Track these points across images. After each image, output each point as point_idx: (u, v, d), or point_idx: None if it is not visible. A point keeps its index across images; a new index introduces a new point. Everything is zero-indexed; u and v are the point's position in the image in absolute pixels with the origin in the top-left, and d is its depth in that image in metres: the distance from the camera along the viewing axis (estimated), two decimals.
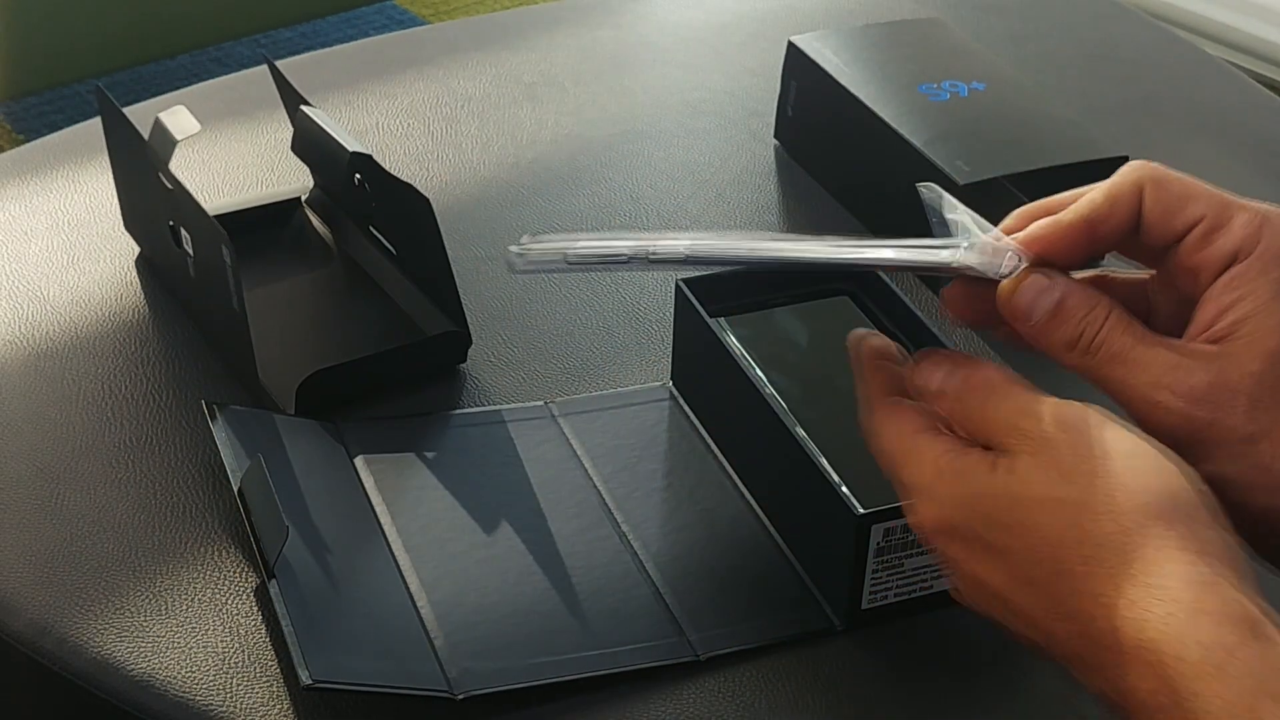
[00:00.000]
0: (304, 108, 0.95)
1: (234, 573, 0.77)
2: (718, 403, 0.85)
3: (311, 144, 0.97)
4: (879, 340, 0.67)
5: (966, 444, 0.60)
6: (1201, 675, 0.51)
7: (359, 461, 0.82)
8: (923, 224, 0.67)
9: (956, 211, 0.65)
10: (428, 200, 0.85)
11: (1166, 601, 0.53)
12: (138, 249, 0.97)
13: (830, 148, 1.07)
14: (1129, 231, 0.63)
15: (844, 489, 0.73)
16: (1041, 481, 0.57)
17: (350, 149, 0.90)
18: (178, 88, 1.17)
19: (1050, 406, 0.58)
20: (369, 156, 0.89)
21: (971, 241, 0.63)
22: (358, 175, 0.92)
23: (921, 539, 0.62)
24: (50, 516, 0.79)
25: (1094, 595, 0.54)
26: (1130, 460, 0.56)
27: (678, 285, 0.86)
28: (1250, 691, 0.50)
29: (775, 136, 1.12)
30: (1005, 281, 0.63)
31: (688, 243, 0.63)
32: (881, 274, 0.85)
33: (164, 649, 0.73)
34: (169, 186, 0.86)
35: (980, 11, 1.31)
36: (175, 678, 0.72)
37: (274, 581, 0.73)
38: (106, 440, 0.84)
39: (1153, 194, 0.63)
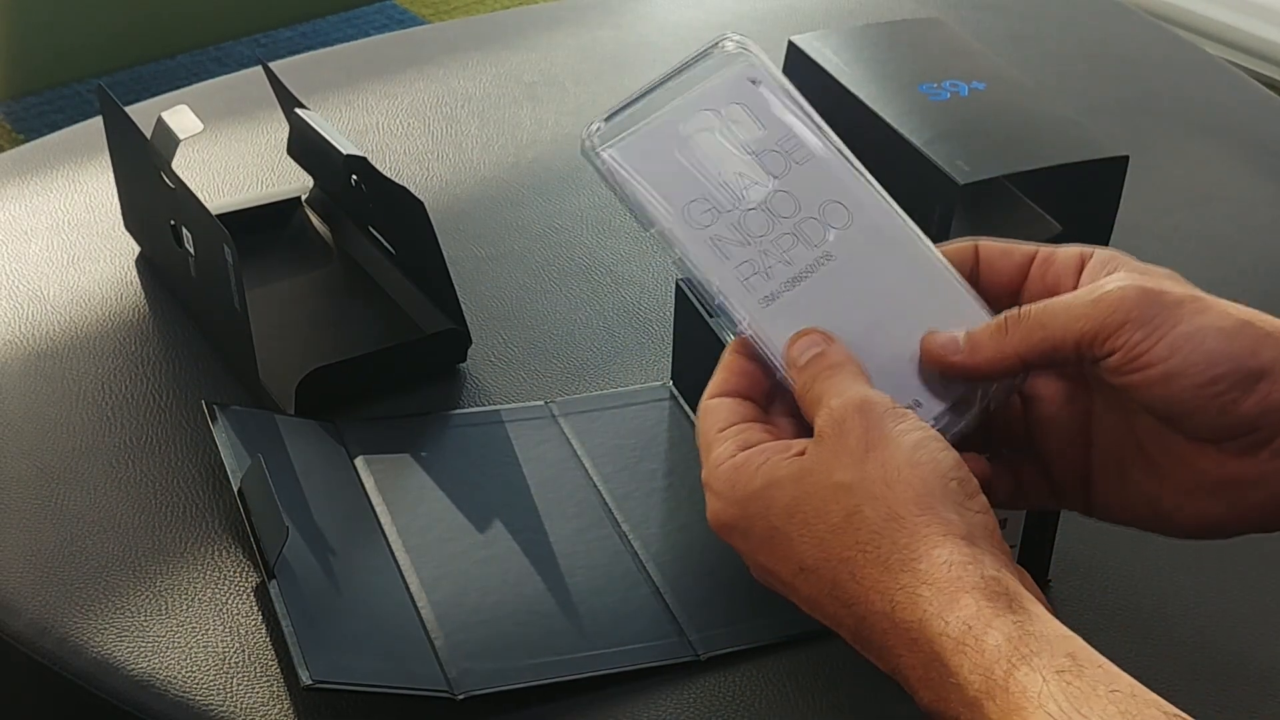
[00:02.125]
0: (299, 110, 0.95)
1: (234, 573, 0.77)
2: None
3: (308, 146, 0.97)
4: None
5: (769, 437, 0.63)
6: (962, 648, 0.54)
7: (359, 461, 0.82)
8: (923, 226, 0.67)
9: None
10: (422, 203, 0.85)
11: (932, 584, 0.56)
12: (138, 249, 0.97)
13: None
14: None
15: None
16: (829, 466, 0.59)
17: (345, 152, 0.90)
18: (178, 88, 1.17)
19: (859, 393, 0.61)
20: (364, 159, 0.89)
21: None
22: (354, 177, 0.92)
23: (721, 531, 0.63)
24: (50, 516, 0.79)
25: (870, 581, 0.57)
26: (913, 452, 0.59)
27: (678, 285, 0.86)
28: (1006, 657, 0.54)
29: None
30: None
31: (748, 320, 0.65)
32: None
33: (164, 649, 0.73)
34: (171, 186, 0.86)
35: (980, 11, 1.31)
36: (175, 678, 0.72)
37: (274, 581, 0.73)
38: (106, 440, 0.84)
39: (984, 251, 0.67)
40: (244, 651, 0.73)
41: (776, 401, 0.65)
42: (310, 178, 1.00)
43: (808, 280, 0.65)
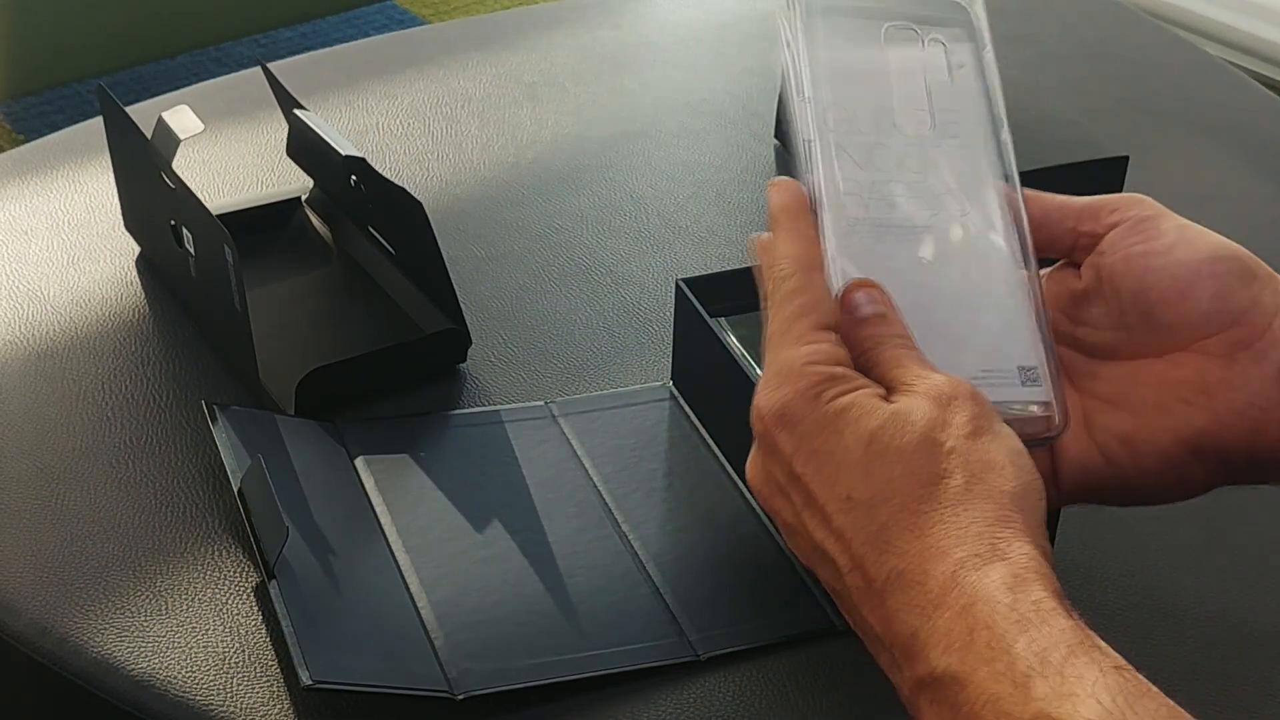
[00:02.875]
0: (297, 111, 0.95)
1: (234, 573, 0.77)
2: (718, 403, 0.85)
3: (307, 147, 0.97)
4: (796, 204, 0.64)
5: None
6: (1026, 625, 0.53)
7: (359, 462, 0.82)
8: None
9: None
10: (421, 204, 0.85)
11: (1006, 565, 0.54)
12: (138, 249, 0.97)
13: None
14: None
15: None
16: (932, 425, 0.57)
17: (344, 153, 0.90)
18: (178, 88, 1.17)
19: (939, 374, 0.59)
20: (363, 159, 0.89)
21: None
22: (353, 177, 0.92)
23: (753, 419, 0.60)
24: (50, 516, 0.79)
25: (934, 540, 0.55)
26: (1018, 456, 0.58)
27: (678, 285, 0.86)
28: (1067, 643, 0.52)
29: (775, 136, 1.12)
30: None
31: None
32: None
33: (164, 649, 0.73)
34: (171, 186, 0.86)
35: None
36: (175, 678, 0.72)
37: (274, 581, 0.73)
38: (106, 440, 0.84)
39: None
40: (244, 651, 0.73)
41: None
42: (310, 178, 1.00)
43: (894, 235, 0.63)
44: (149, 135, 0.88)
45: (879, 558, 0.56)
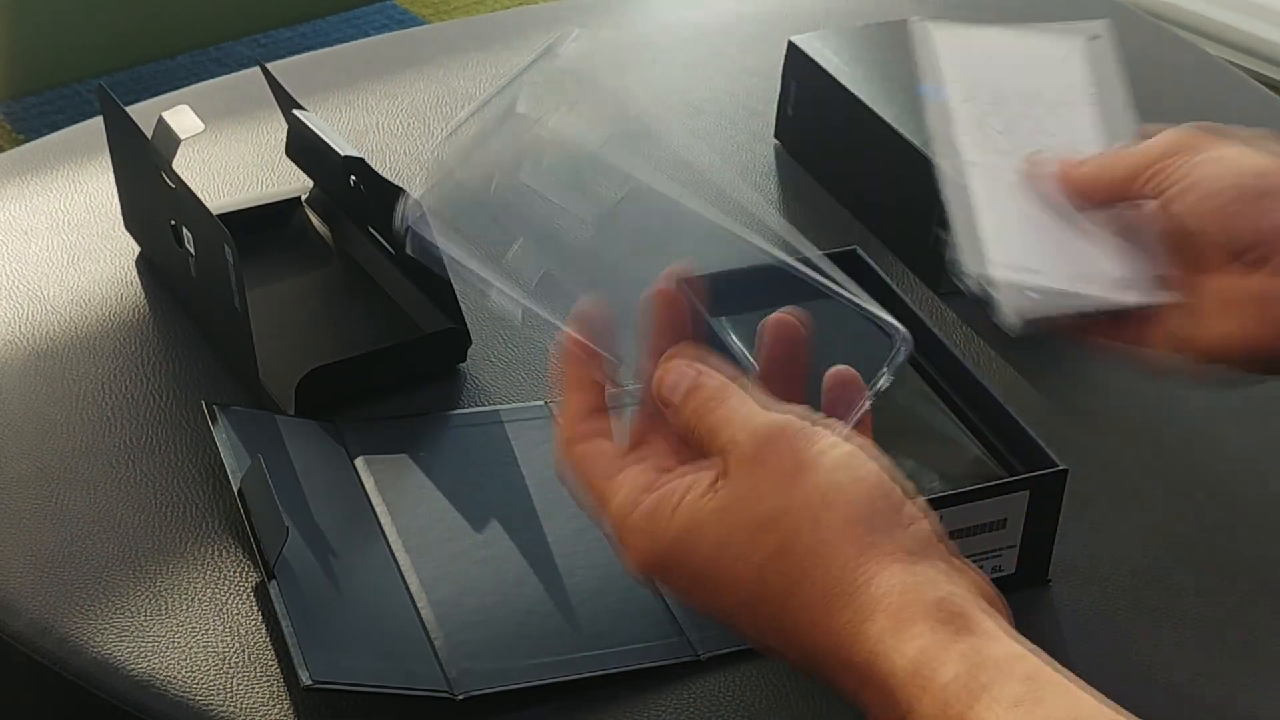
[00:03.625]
0: (296, 111, 0.95)
1: (234, 573, 0.77)
2: None
3: (306, 148, 0.97)
4: (579, 345, 0.64)
5: (672, 473, 0.60)
6: (917, 688, 0.52)
7: (359, 462, 0.82)
8: (923, 226, 0.67)
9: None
10: (419, 205, 0.85)
11: (877, 617, 0.53)
12: (138, 249, 0.97)
13: (830, 148, 1.07)
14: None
15: None
16: (750, 501, 0.57)
17: (343, 153, 0.90)
18: (178, 88, 1.17)
19: (767, 419, 0.58)
20: (362, 160, 0.89)
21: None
22: (353, 178, 0.92)
23: (635, 577, 0.61)
24: (50, 516, 0.79)
25: (811, 616, 0.55)
26: (835, 473, 0.57)
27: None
28: (960, 693, 0.51)
29: (775, 136, 1.11)
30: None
31: None
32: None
33: (164, 649, 0.73)
34: (171, 185, 0.86)
35: (980, 11, 1.31)
36: (175, 678, 0.72)
37: (274, 581, 0.73)
38: (106, 440, 0.84)
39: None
40: (244, 651, 0.73)
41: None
42: (310, 178, 1.00)
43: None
44: (149, 135, 0.88)
45: (792, 646, 0.57)
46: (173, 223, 0.88)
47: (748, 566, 0.57)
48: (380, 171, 0.89)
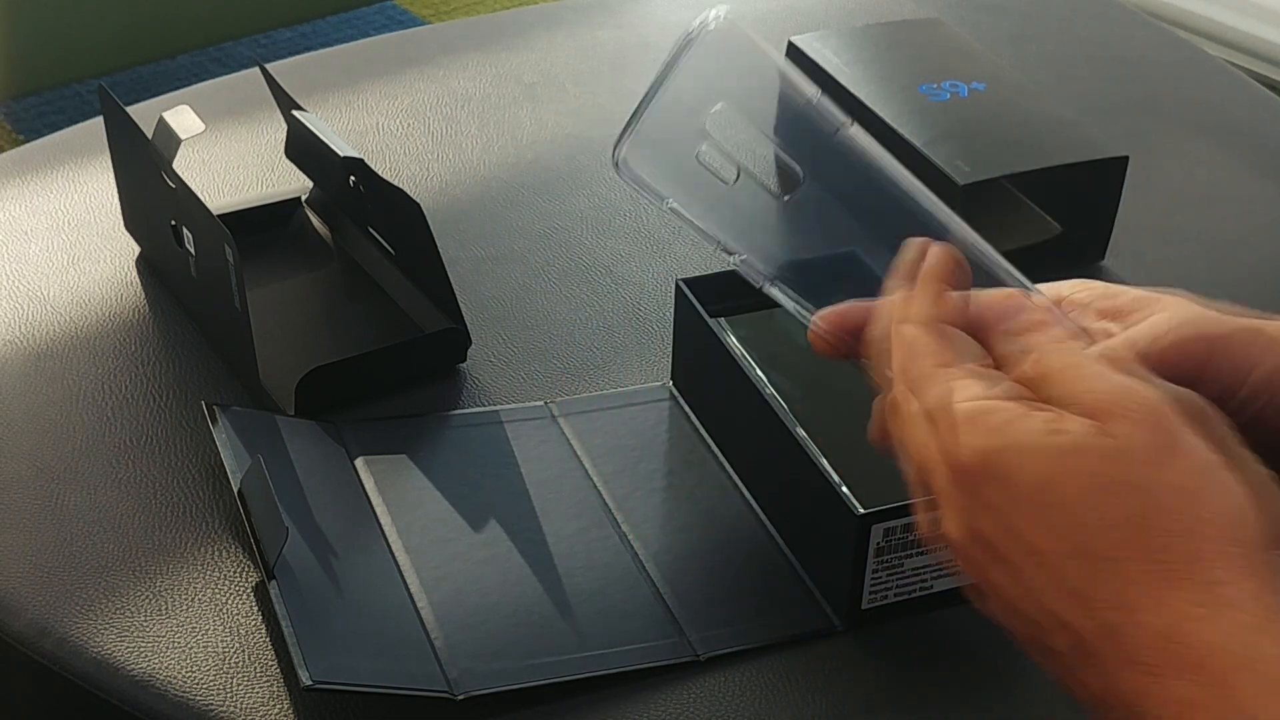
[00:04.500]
0: (295, 112, 0.95)
1: (234, 573, 0.77)
2: (718, 403, 0.85)
3: (306, 148, 0.97)
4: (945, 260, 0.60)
5: (997, 389, 0.56)
6: (1269, 689, 0.48)
7: (359, 462, 0.82)
8: (923, 227, 0.67)
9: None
10: (419, 205, 0.85)
11: (1238, 611, 0.49)
12: (138, 249, 0.97)
13: None
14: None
15: (844, 489, 0.73)
16: (1114, 457, 0.52)
17: (343, 154, 0.90)
18: (178, 88, 1.17)
19: (1152, 392, 0.54)
20: (361, 160, 0.90)
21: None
22: (352, 178, 0.92)
23: (952, 476, 0.55)
24: (50, 516, 0.79)
25: (1143, 590, 0.51)
26: (1217, 471, 0.53)
27: (678, 285, 0.86)
28: None
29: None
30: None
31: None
32: None
33: (164, 649, 0.73)
34: (171, 186, 0.86)
35: (980, 11, 1.31)
36: (175, 678, 0.72)
37: (274, 582, 0.73)
38: (106, 440, 0.84)
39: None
40: (244, 651, 0.73)
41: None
42: (309, 179, 1.00)
43: None
44: (149, 135, 0.88)
45: (1084, 615, 0.52)
46: (173, 223, 0.88)
47: (1075, 517, 0.52)
48: (380, 171, 0.90)
